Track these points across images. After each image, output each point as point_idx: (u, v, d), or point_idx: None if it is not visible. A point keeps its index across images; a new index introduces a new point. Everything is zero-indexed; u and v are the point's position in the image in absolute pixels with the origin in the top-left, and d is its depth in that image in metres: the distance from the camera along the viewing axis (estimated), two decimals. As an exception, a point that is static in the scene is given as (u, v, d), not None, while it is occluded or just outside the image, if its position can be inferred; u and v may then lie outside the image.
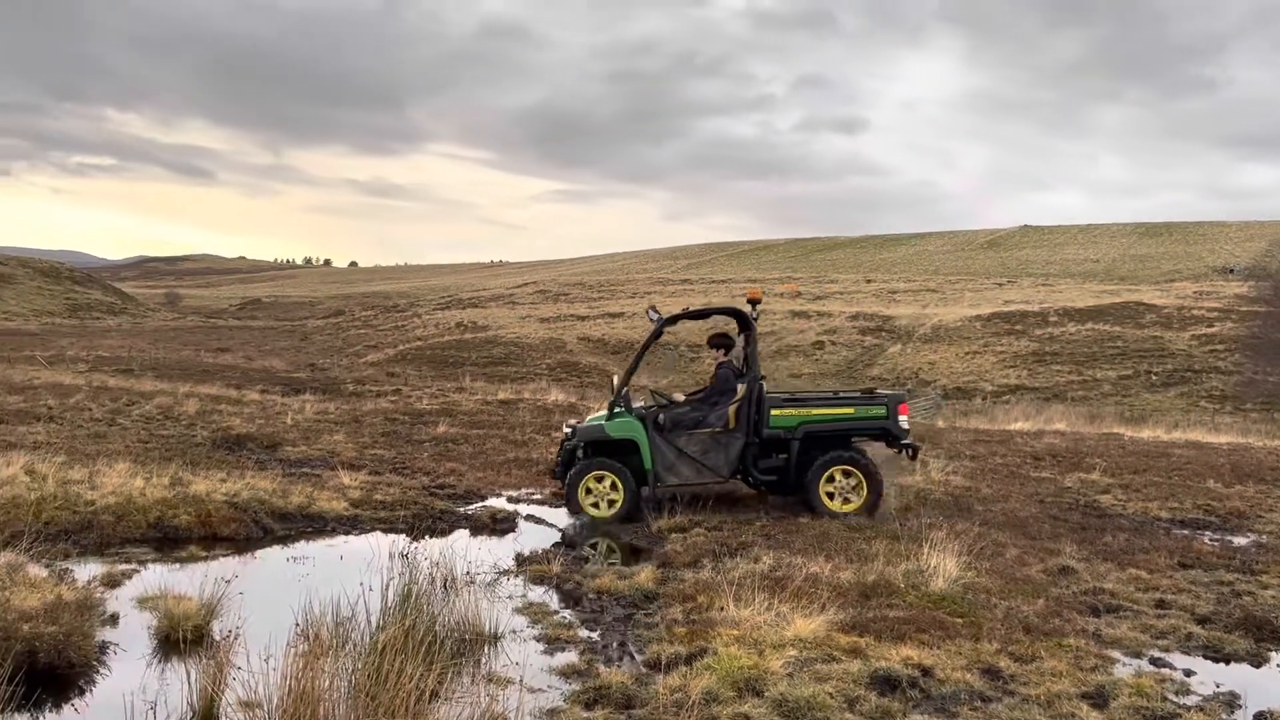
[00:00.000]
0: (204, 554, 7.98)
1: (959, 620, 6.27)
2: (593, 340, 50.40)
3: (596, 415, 10.30)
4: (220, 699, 4.68)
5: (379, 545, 8.55)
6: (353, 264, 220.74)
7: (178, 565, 7.60)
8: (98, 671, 5.41)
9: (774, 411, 9.75)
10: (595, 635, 6.22)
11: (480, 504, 10.61)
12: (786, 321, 52.91)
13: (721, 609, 6.23)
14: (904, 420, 9.84)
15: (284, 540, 8.67)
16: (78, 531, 7.99)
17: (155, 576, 7.14)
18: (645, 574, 7.39)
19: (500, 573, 7.62)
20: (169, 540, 8.25)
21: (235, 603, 6.06)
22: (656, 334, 10.08)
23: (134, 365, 30.84)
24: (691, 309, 10.52)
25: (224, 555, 8.03)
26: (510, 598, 6.98)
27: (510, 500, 10.93)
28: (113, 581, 6.92)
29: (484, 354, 47.89)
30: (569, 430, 10.14)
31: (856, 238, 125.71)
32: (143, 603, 6.43)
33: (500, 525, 9.60)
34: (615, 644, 6.06)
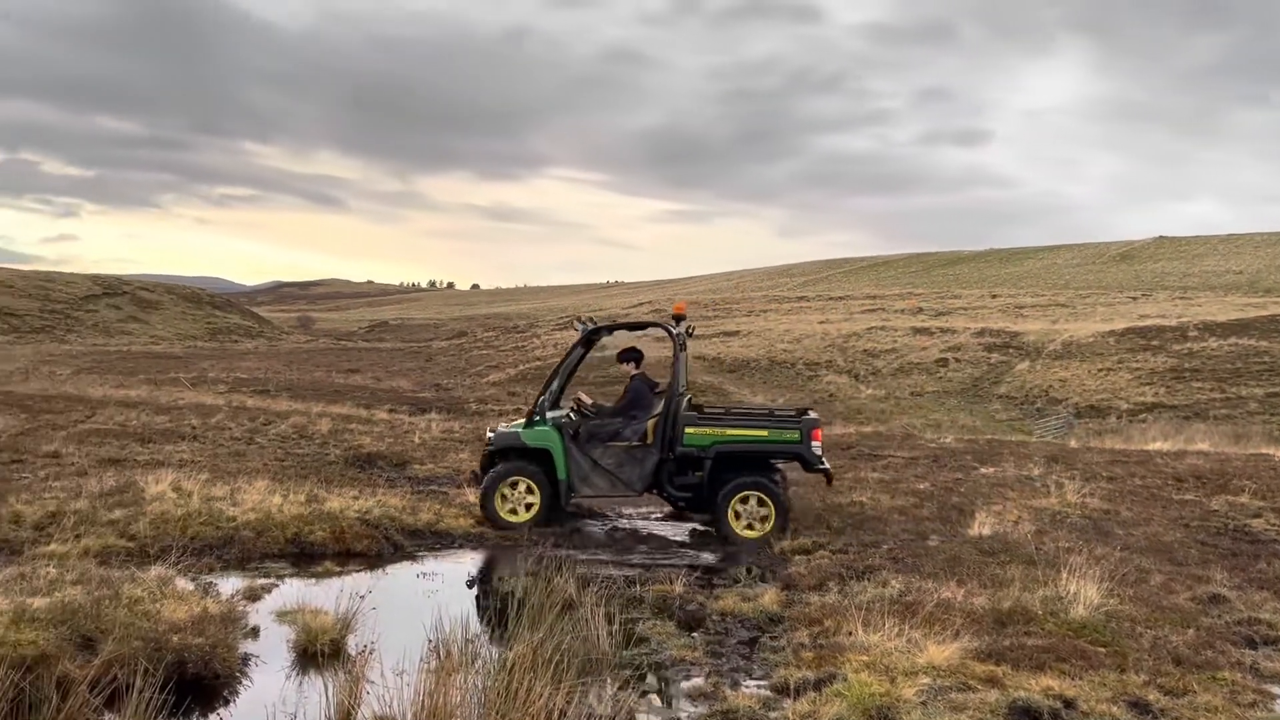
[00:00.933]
0: (338, 569, 8.23)
1: (1102, 650, 5.98)
2: (708, 359, 50.26)
3: (517, 424, 10.29)
4: (356, 713, 4.80)
5: (503, 562, 8.70)
6: (475, 286, 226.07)
7: (314, 580, 7.85)
8: (240, 683, 5.61)
9: (688, 429, 9.72)
10: (720, 657, 6.15)
11: (600, 522, 10.66)
12: (908, 339, 51.77)
13: (850, 634, 6.09)
14: (817, 446, 9.76)
15: (413, 556, 8.87)
16: (220, 546, 8.34)
17: (293, 591, 7.39)
18: (769, 596, 7.29)
19: (624, 591, 7.61)
20: (305, 555, 8.53)
21: (369, 618, 6.21)
22: (581, 343, 10.23)
23: (270, 386, 32.21)
24: (620, 321, 10.71)
25: (357, 570, 8.26)
26: (636, 618, 6.97)
27: (630, 519, 10.95)
28: (253, 595, 7.19)
29: (601, 373, 48.34)
30: (490, 436, 10.20)
31: (980, 251, 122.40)
32: (282, 616, 6.66)
33: (621, 543, 9.61)
34: (741, 667, 5.99)
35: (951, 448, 17.94)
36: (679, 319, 10.22)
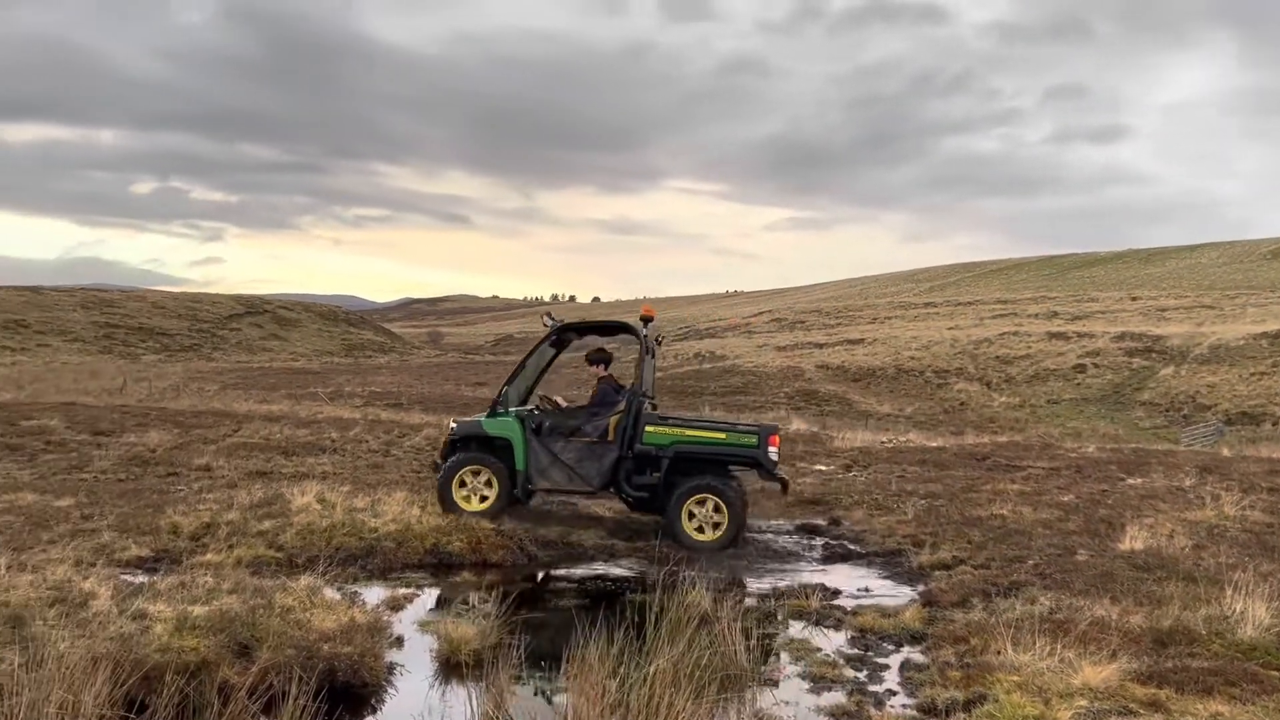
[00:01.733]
0: (476, 579, 8.37)
1: (1275, 673, 5.59)
2: (832, 367, 49.54)
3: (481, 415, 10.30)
4: (500, 724, 4.85)
5: (634, 574, 8.71)
6: (595, 299, 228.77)
7: (453, 590, 8.01)
8: (387, 692, 5.74)
9: (648, 428, 9.69)
10: (862, 675, 6.00)
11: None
12: (1043, 344, 49.93)
13: (998, 653, 5.85)
14: (774, 451, 9.73)
15: (547, 566, 8.97)
16: (363, 556, 8.59)
17: (434, 600, 7.55)
18: (910, 613, 7.09)
19: (757, 606, 7.53)
20: (444, 565, 8.71)
21: (509, 629, 6.28)
22: (547, 340, 10.24)
23: (403, 400, 33.20)
24: (589, 321, 10.50)
25: (494, 580, 8.39)
26: (770, 633, 6.87)
27: (759, 531, 10.83)
28: (396, 605, 7.37)
29: (722, 383, 48.12)
30: (453, 427, 10.19)
31: (1119, 252, 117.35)
32: (424, 626, 6.80)
33: (748, 557, 9.51)
34: (884, 685, 5.83)
35: (1094, 457, 17.20)
36: (647, 321, 10.17)
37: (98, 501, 10.08)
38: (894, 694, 5.68)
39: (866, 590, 8.25)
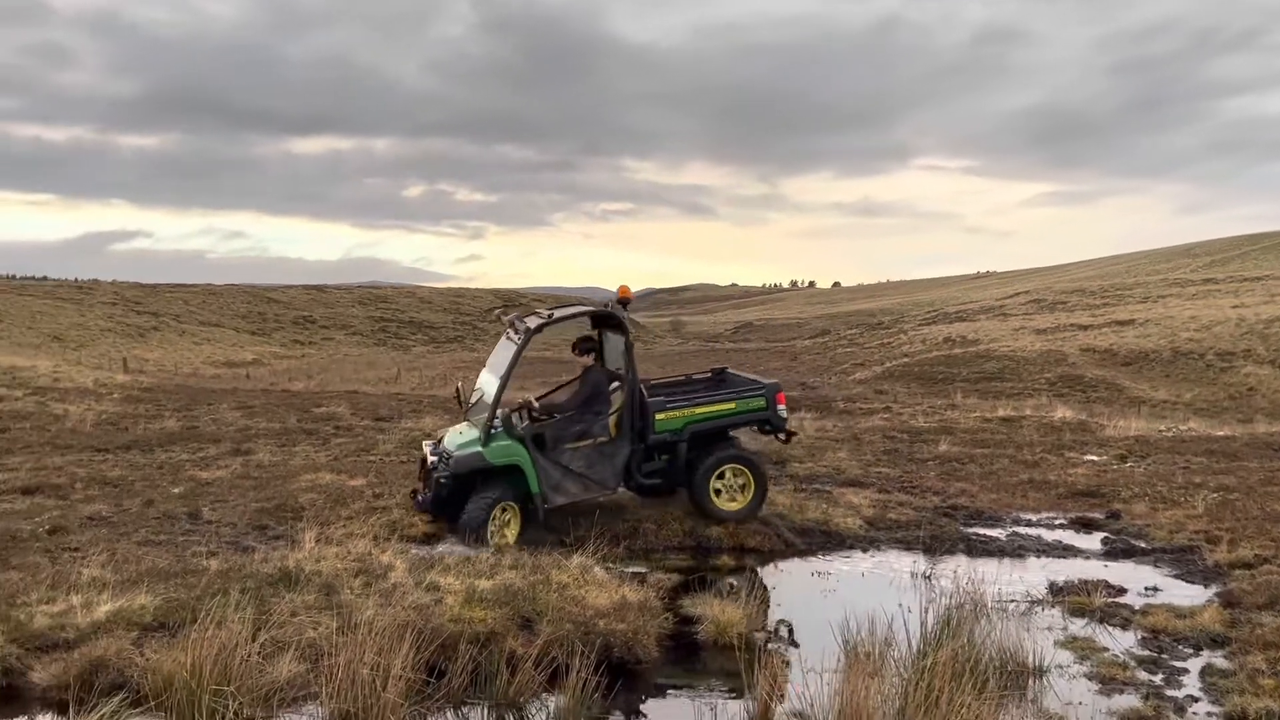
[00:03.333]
0: (734, 564, 8.45)
1: None
2: (1098, 351, 46.33)
3: (460, 437, 9.04)
4: (775, 707, 4.88)
5: (898, 565, 8.50)
6: (836, 284, 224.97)
7: (713, 573, 8.13)
8: (660, 670, 5.91)
9: (659, 415, 9.10)
10: (1157, 678, 5.59)
11: (995, 526, 10.12)
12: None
13: (1321, 663, 5.30)
14: (782, 409, 9.50)
15: (805, 554, 8.91)
16: (628, 537, 8.86)
17: (697, 583, 7.69)
18: (1209, 614, 6.53)
19: (1033, 601, 7.17)
20: (702, 549, 8.86)
21: (773, 613, 6.30)
22: (526, 344, 9.05)
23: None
24: (558, 312, 9.22)
25: (753, 566, 8.44)
26: (1049, 629, 6.53)
27: (1029, 525, 10.30)
28: (661, 586, 7.55)
29: (975, 369, 46.09)
30: (432, 452, 9.09)
31: None
32: (690, 607, 6.94)
33: (1018, 550, 9.08)
34: (1184, 690, 5.39)
35: None
36: (624, 303, 9.39)
37: (385, 481, 10.95)
38: (1196, 700, 5.26)
39: (1155, 589, 7.66)
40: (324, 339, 68.03)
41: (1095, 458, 15.13)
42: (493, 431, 8.70)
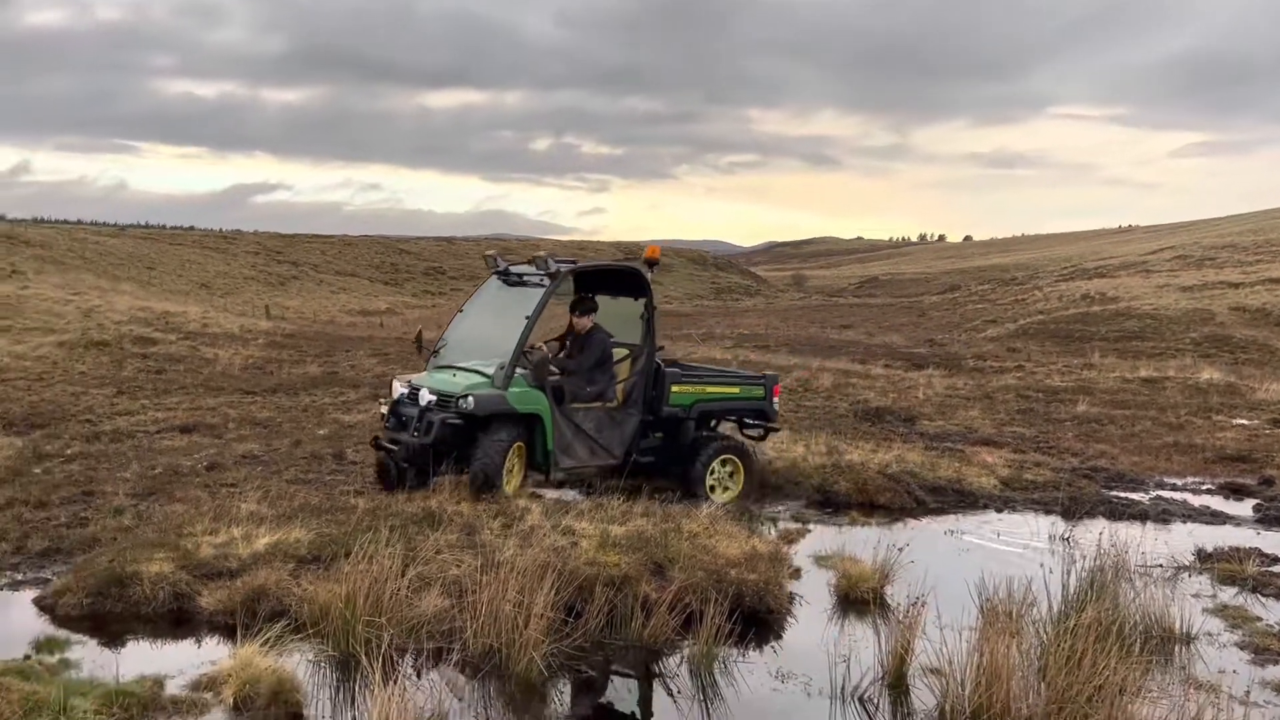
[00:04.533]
0: (864, 520, 8.40)
1: None
2: (1250, 310, 43.74)
3: (457, 380, 8.04)
4: (909, 660, 4.87)
5: (1035, 526, 8.31)
6: (967, 238, 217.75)
7: (843, 528, 8.11)
8: (790, 621, 5.96)
9: (674, 388, 8.69)
10: (1316, 652, 5.35)
11: (1138, 490, 9.77)
12: None
13: None
14: (776, 402, 9.26)
15: (936, 513, 8.79)
16: (759, 487, 8.91)
17: (826, 537, 7.70)
18: (1375, 587, 6.19)
19: (1180, 568, 6.92)
20: (829, 504, 8.83)
21: (906, 570, 6.25)
22: (553, 290, 8.31)
23: (770, 342, 33.72)
24: (588, 264, 8.85)
25: (883, 522, 8.37)
26: (1196, 596, 6.30)
27: (1174, 489, 9.91)
28: (789, 538, 7.59)
29: (1114, 327, 44.08)
30: (410, 393, 8.12)
31: None
32: (820, 561, 6.96)
33: (1163, 515, 8.75)
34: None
35: None
36: (652, 264, 8.83)
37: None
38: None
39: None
40: (453, 290, 69.68)
41: (1245, 421, 14.41)
42: (510, 377, 7.90)
